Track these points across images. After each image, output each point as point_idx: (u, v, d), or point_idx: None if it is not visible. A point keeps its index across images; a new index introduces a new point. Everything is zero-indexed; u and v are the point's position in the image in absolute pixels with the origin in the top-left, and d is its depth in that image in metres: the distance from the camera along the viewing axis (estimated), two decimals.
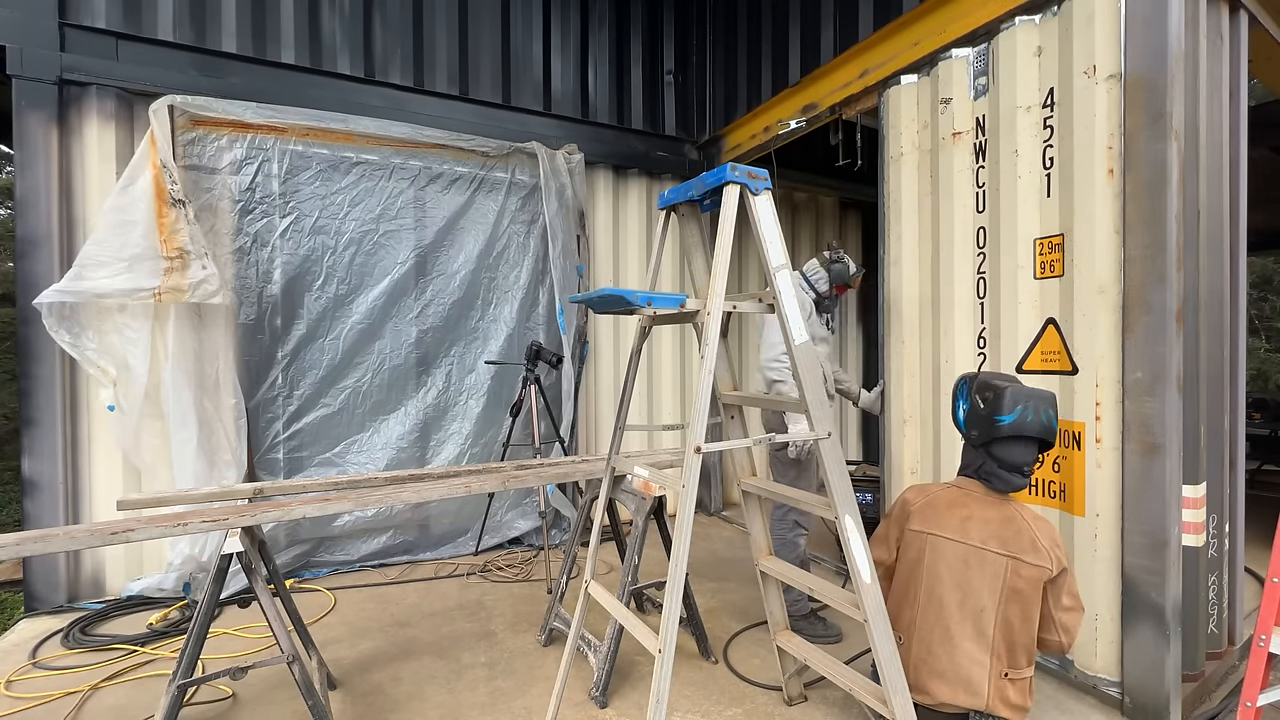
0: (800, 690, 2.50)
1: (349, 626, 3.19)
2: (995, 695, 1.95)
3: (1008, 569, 1.97)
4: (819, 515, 2.14)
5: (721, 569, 4.00)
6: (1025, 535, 1.98)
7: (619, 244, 5.04)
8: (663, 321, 2.21)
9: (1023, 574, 1.95)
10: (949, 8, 3.12)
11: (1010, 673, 1.97)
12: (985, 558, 1.99)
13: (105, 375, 3.35)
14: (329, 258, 3.93)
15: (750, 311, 2.09)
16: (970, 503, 2.09)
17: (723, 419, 2.45)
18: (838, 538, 2.02)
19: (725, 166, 1.90)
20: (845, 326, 6.56)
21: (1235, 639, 2.80)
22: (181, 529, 1.97)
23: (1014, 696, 1.97)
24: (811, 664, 2.25)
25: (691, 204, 2.17)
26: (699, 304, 1.95)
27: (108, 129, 3.50)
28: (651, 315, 2.18)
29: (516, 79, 4.66)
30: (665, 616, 1.74)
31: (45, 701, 2.52)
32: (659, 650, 1.75)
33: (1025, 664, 1.99)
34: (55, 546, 1.87)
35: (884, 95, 3.50)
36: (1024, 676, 1.99)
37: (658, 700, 1.72)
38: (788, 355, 2.01)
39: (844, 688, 2.12)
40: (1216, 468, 2.65)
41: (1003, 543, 1.99)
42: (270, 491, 2.57)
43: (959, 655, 1.98)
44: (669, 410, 5.22)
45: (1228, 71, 2.71)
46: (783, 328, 1.96)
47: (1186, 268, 2.40)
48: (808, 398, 1.97)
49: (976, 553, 2.00)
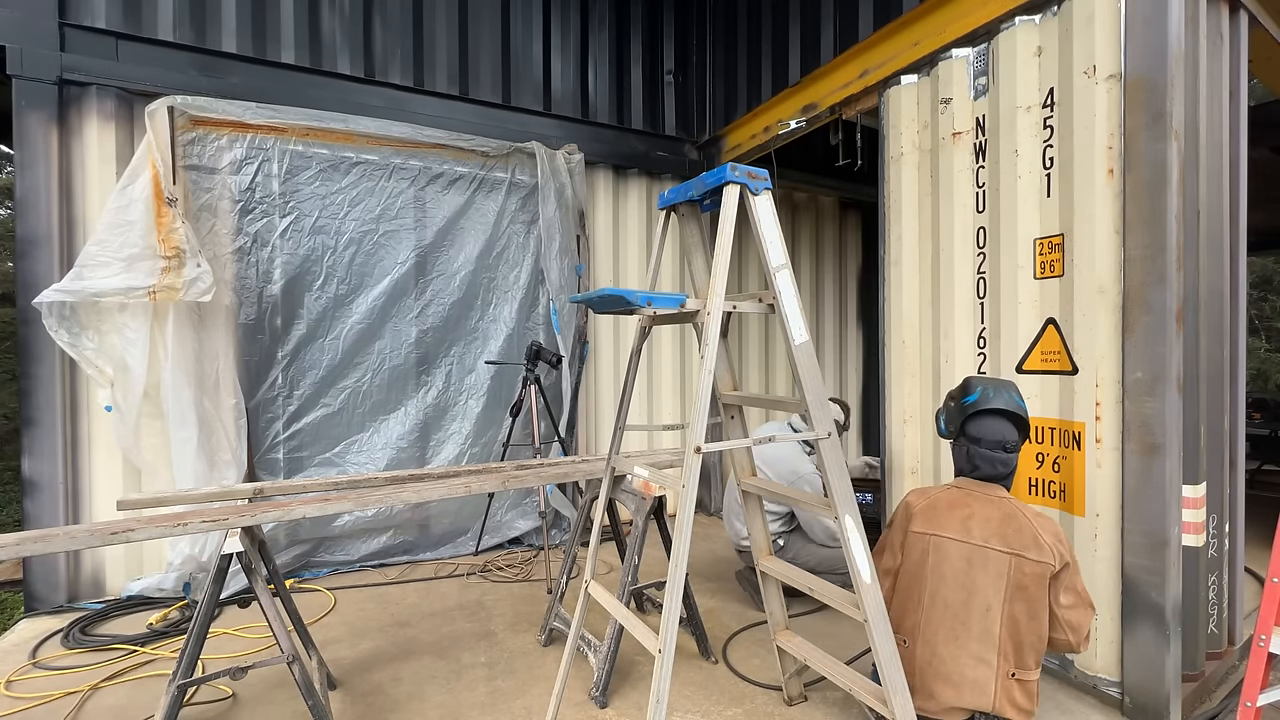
0: (800, 690, 2.50)
1: (349, 626, 3.20)
2: (1002, 696, 1.94)
3: (1011, 566, 1.96)
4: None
5: (721, 569, 3.99)
6: (1027, 532, 1.98)
7: (619, 244, 5.04)
8: (663, 321, 2.21)
9: (1026, 570, 1.95)
10: (949, 8, 3.12)
11: (1018, 673, 1.96)
12: (989, 556, 1.99)
13: (103, 375, 3.35)
14: (329, 258, 3.93)
15: (750, 311, 2.09)
16: (971, 502, 2.09)
17: (722, 419, 2.45)
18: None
19: (725, 166, 1.89)
20: (845, 326, 6.57)
21: (1235, 639, 2.80)
22: (181, 529, 1.97)
23: (1020, 699, 1.96)
24: (811, 664, 2.25)
25: (691, 204, 2.17)
26: (699, 304, 1.95)
27: (108, 129, 3.50)
28: (651, 315, 2.18)
29: (516, 79, 4.66)
30: (665, 616, 1.74)
31: (45, 701, 2.52)
32: (659, 650, 1.75)
33: (1033, 665, 1.98)
34: (55, 547, 1.87)
35: (884, 95, 3.50)
36: (1031, 678, 1.98)
37: (658, 700, 1.72)
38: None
39: (844, 688, 2.12)
40: (1216, 468, 2.65)
41: (1005, 540, 1.99)
42: (270, 491, 2.57)
43: (964, 656, 1.98)
44: (669, 410, 5.22)
45: (1228, 71, 2.71)
46: (783, 328, 1.96)
47: (1186, 268, 2.40)
48: (807, 398, 1.97)
49: (980, 551, 2.00)
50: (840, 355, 6.49)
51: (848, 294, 6.61)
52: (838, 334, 6.49)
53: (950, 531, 2.06)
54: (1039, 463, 2.75)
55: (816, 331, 6.34)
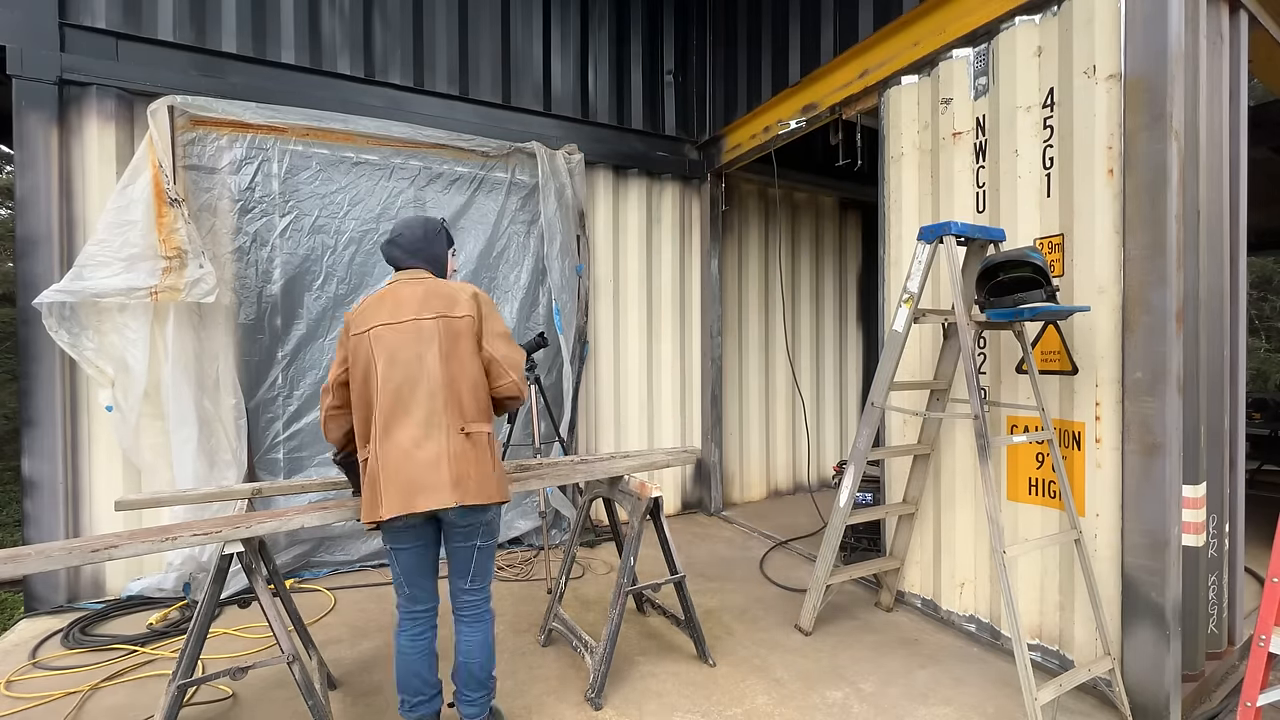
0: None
1: (349, 626, 3.19)
2: (457, 460, 1.98)
3: (440, 328, 2.04)
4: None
5: (721, 569, 4.00)
6: (446, 296, 2.09)
7: (619, 244, 5.04)
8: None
9: (454, 327, 2.06)
10: (949, 8, 3.12)
11: (467, 427, 2.03)
12: (421, 327, 2.04)
13: (103, 376, 3.35)
14: (329, 257, 3.93)
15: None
16: (397, 291, 2.12)
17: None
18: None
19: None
20: (845, 326, 6.56)
21: (1235, 639, 2.80)
22: (170, 543, 1.92)
23: (475, 458, 2.01)
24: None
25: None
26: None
27: (108, 129, 3.50)
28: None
29: (516, 79, 4.66)
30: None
31: (45, 701, 2.52)
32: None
33: (482, 420, 2.08)
34: (28, 568, 1.80)
35: (884, 95, 3.50)
36: (481, 430, 2.06)
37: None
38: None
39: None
40: (1216, 468, 2.65)
41: (430, 308, 2.06)
42: (269, 492, 2.57)
43: (428, 438, 1.98)
44: (669, 410, 5.22)
45: (1228, 71, 2.71)
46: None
47: (1186, 268, 2.40)
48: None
49: (412, 326, 2.05)
50: (840, 355, 6.49)
51: (848, 294, 6.60)
52: (838, 334, 6.49)
53: (383, 319, 2.06)
54: (1039, 462, 2.75)
55: (816, 331, 6.34)
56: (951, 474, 3.14)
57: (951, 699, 2.53)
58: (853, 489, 2.99)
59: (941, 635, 3.07)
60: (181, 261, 3.36)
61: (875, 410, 2.94)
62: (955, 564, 3.12)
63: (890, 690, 2.60)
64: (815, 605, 3.08)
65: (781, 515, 5.22)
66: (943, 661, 2.83)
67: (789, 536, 4.58)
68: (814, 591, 3.09)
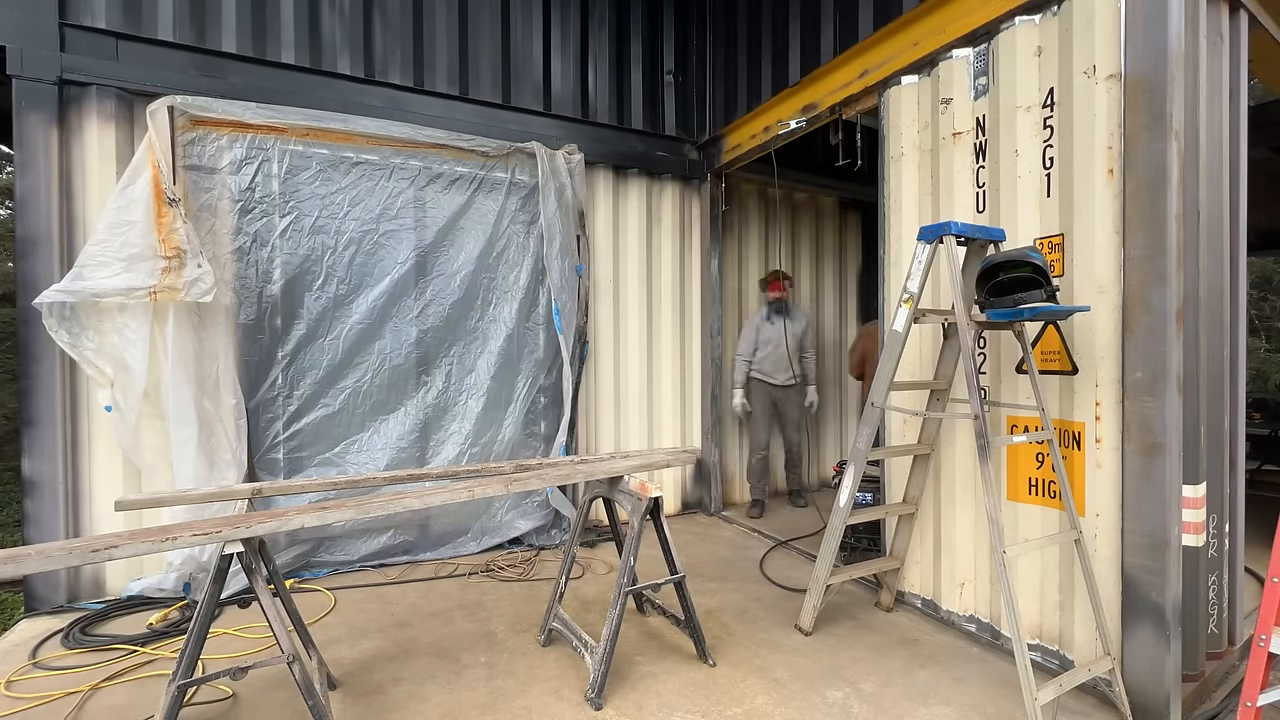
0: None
1: (349, 626, 3.19)
2: None
3: None
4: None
5: (721, 569, 4.00)
6: None
7: (619, 244, 5.04)
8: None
9: None
10: (949, 8, 3.11)
11: None
12: None
13: (103, 375, 3.35)
14: (329, 257, 3.93)
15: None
16: None
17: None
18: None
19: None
20: (845, 325, 6.57)
21: (1235, 639, 2.80)
22: (170, 543, 1.90)
23: None
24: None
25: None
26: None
27: (108, 129, 3.50)
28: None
29: (516, 79, 4.66)
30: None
31: (45, 702, 2.52)
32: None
33: None
34: (28, 568, 1.79)
35: (884, 95, 3.50)
36: None
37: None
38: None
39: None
40: (1216, 468, 2.65)
41: None
42: (269, 492, 2.57)
43: None
44: (669, 410, 5.22)
45: (1228, 71, 2.71)
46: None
47: (1186, 268, 2.40)
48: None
49: None
50: (840, 355, 6.49)
51: (848, 294, 6.61)
52: (838, 334, 6.49)
53: None
54: (1039, 462, 2.75)
55: (816, 331, 6.34)
56: (951, 474, 3.14)
57: (951, 699, 2.53)
58: (853, 489, 2.99)
59: (941, 635, 3.07)
60: (180, 261, 3.36)
61: (875, 410, 2.94)
62: (955, 564, 3.12)
63: (890, 690, 2.60)
64: (815, 605, 3.09)
65: (781, 515, 5.22)
66: (943, 661, 2.83)
67: (789, 536, 4.58)
68: (814, 591, 3.09)
